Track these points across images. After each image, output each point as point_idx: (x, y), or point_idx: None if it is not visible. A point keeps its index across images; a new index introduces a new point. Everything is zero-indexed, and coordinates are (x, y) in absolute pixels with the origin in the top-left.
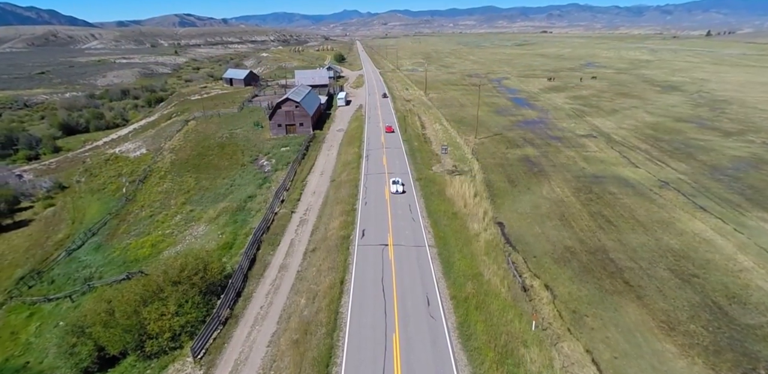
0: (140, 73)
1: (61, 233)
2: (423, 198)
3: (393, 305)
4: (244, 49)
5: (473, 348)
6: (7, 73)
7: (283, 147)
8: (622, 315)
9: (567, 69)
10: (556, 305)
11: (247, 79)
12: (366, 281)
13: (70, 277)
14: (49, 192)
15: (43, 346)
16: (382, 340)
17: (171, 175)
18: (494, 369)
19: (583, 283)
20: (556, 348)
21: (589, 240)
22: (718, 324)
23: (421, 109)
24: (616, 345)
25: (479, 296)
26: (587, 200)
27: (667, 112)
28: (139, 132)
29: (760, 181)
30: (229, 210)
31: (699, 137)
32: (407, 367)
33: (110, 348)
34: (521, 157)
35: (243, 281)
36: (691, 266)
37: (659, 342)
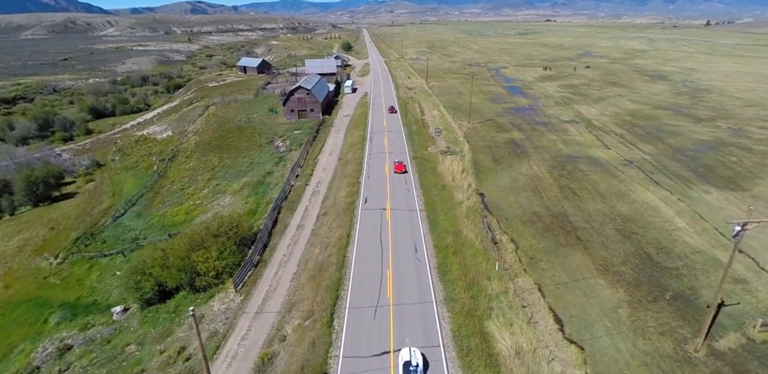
0: (157, 60)
1: (104, 203)
2: (417, 173)
3: (388, 251)
4: (254, 36)
5: (448, 280)
6: (32, 59)
7: (295, 130)
8: (569, 261)
9: (564, 58)
10: (518, 253)
11: (260, 67)
12: (367, 234)
13: (118, 238)
14: (88, 169)
15: (105, 289)
16: (379, 274)
17: (196, 154)
18: (462, 293)
19: (543, 239)
20: (512, 281)
21: (554, 207)
22: (643, 266)
23: (421, 96)
24: (560, 280)
25: (456, 246)
26: (559, 176)
27: (648, 100)
28: (163, 116)
29: (714, 161)
30: (250, 184)
31: (672, 123)
32: (397, 292)
33: (168, 283)
34: (508, 140)
35: (268, 237)
36: (634, 226)
37: (593, 279)
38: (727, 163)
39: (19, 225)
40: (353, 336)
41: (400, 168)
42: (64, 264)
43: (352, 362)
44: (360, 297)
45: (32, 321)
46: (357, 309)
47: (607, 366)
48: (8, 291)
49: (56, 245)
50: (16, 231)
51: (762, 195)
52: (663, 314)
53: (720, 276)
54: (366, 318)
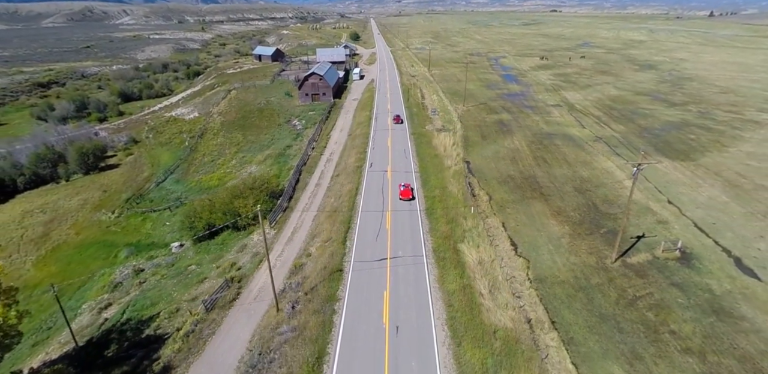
0: (174, 49)
1: (145, 172)
2: (414, 145)
3: (388, 199)
4: (265, 25)
5: (433, 217)
6: (57, 46)
7: (310, 111)
8: (531, 208)
9: (563, 49)
10: (490, 203)
11: (274, 56)
12: (372, 188)
13: (163, 198)
14: (126, 145)
15: (159, 234)
16: (380, 214)
17: (222, 132)
18: (443, 226)
19: (513, 193)
20: (483, 220)
21: (527, 171)
22: (588, 212)
23: (423, 83)
24: (521, 220)
25: (442, 196)
26: (536, 149)
27: (632, 88)
28: (188, 99)
29: (674, 138)
30: (273, 155)
31: (647, 107)
32: (394, 224)
33: (216, 222)
34: (496, 121)
35: (292, 191)
36: (589, 185)
37: (547, 220)
38: (685, 139)
39: (76, 188)
40: (361, 249)
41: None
42: (121, 217)
43: (360, 264)
44: (365, 227)
45: (105, 256)
46: (363, 234)
47: (544, 270)
48: (79, 236)
49: (111, 204)
50: (74, 193)
51: (705, 164)
52: (595, 242)
53: (647, 219)
54: (369, 240)
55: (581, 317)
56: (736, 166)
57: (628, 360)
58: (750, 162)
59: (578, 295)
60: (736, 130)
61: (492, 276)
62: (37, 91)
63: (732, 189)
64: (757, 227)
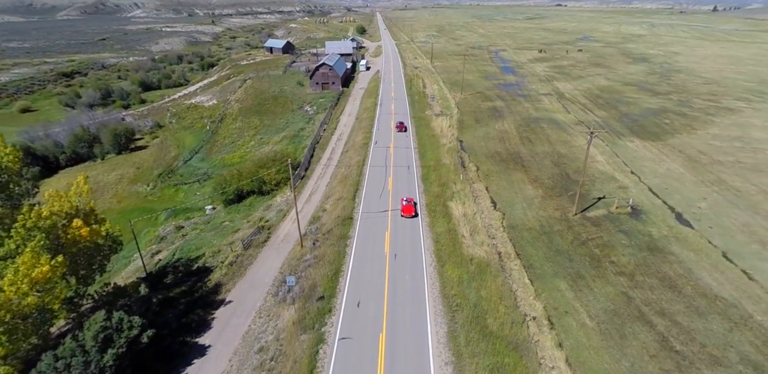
0: (186, 41)
1: (172, 152)
2: (415, 127)
3: (390, 168)
4: (273, 19)
5: (428, 182)
6: (74, 39)
7: (320, 99)
8: (512, 176)
9: (562, 42)
10: (477, 172)
11: (285, 48)
12: (377, 160)
13: (191, 173)
14: (151, 129)
15: (192, 202)
16: (383, 179)
17: (240, 117)
18: (435, 188)
19: (497, 165)
20: (470, 185)
21: (512, 148)
22: (561, 180)
23: (425, 74)
24: (502, 186)
25: (436, 167)
26: (522, 130)
27: (622, 79)
28: (206, 88)
29: (650, 122)
30: (288, 136)
31: (632, 96)
32: (394, 187)
33: (244, 188)
34: (490, 107)
35: (308, 164)
36: (565, 160)
37: (525, 185)
38: (660, 124)
39: (111, 165)
40: (367, 204)
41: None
42: (155, 189)
43: (366, 214)
44: (371, 189)
45: (146, 219)
46: (369, 194)
47: (516, 221)
48: (121, 204)
49: (145, 178)
50: (110, 169)
51: (672, 143)
52: (562, 202)
53: (610, 185)
54: (374, 197)
55: (541, 251)
56: (700, 145)
57: (572, 279)
58: (713, 142)
59: (541, 237)
60: (710, 116)
61: (473, 224)
62: (62, 80)
63: (690, 164)
64: (702, 192)
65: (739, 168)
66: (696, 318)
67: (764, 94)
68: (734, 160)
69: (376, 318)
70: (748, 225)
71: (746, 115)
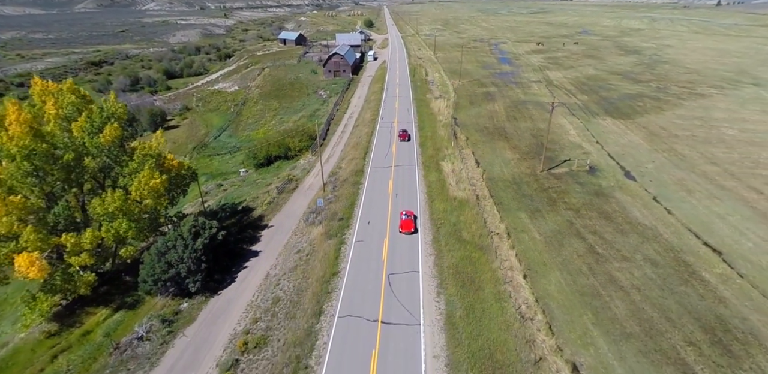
0: (201, 33)
1: (202, 131)
2: (416, 107)
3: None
4: (282, 12)
5: (424, 147)
6: (95, 30)
7: (333, 84)
8: (495, 145)
9: (561, 36)
10: (467, 141)
11: (298, 40)
12: (383, 132)
13: (222, 147)
14: (180, 111)
15: (225, 169)
16: (388, 146)
17: (261, 101)
18: (430, 151)
19: (484, 136)
20: (460, 151)
21: (499, 124)
22: (535, 147)
23: (428, 64)
24: (486, 151)
25: (432, 137)
26: (510, 110)
27: (609, 69)
28: (227, 76)
29: (624, 105)
30: (305, 116)
31: (615, 83)
32: (397, 152)
33: (273, 153)
34: (484, 92)
35: (324, 135)
36: (542, 133)
37: (505, 151)
38: (634, 106)
39: None
40: (375, 162)
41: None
42: (192, 159)
43: (374, 169)
44: (378, 152)
45: None
46: (377, 155)
47: (494, 175)
48: None
49: (181, 151)
50: None
51: (639, 122)
52: (533, 163)
53: (577, 151)
54: (381, 157)
55: (510, 194)
56: (663, 123)
57: (531, 212)
58: (676, 121)
59: (512, 186)
60: (681, 100)
61: (459, 176)
62: (91, 68)
63: (649, 137)
64: (652, 157)
65: (691, 140)
66: (619, 235)
67: (737, 83)
68: (689, 134)
69: (381, 230)
70: (682, 179)
71: (715, 99)
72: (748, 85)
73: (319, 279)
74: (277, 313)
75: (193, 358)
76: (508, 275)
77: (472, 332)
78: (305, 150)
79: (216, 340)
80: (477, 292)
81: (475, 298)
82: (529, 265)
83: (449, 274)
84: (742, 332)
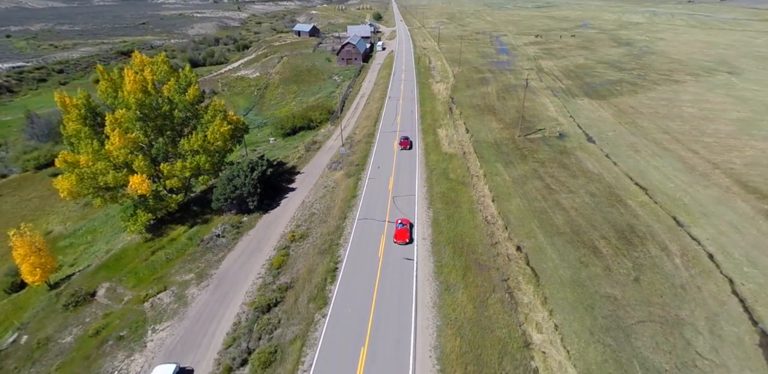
0: (218, 26)
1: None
2: (419, 89)
3: (399, 112)
4: (293, 5)
5: (424, 119)
6: (117, 23)
7: (345, 71)
8: (484, 118)
9: (561, 29)
10: (461, 115)
11: (311, 31)
12: (390, 108)
13: (250, 123)
14: (208, 95)
15: (255, 138)
16: (394, 117)
17: (281, 85)
18: (429, 121)
19: (476, 112)
20: (454, 122)
21: (489, 103)
22: (517, 120)
23: (431, 53)
24: (476, 122)
25: (431, 110)
26: (500, 92)
27: (599, 59)
28: (248, 64)
29: (603, 88)
30: (322, 97)
31: (600, 71)
32: (402, 120)
33: (297, 124)
34: (480, 78)
35: (340, 110)
36: (527, 109)
37: (491, 122)
38: (611, 89)
39: None
40: (383, 128)
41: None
42: None
43: (383, 133)
44: (386, 120)
45: None
46: (384, 124)
47: (480, 139)
48: None
49: None
50: None
51: (612, 101)
52: (514, 131)
53: (552, 123)
54: (389, 125)
55: (490, 152)
56: (633, 103)
57: (505, 163)
58: (645, 101)
59: (493, 146)
60: (656, 85)
61: (451, 139)
62: (121, 57)
63: (618, 113)
64: (615, 127)
65: (653, 116)
66: (570, 178)
67: (714, 71)
68: (653, 111)
69: (388, 172)
70: (634, 143)
71: (687, 85)
72: (723, 73)
73: (342, 199)
74: (314, 221)
75: (256, 246)
76: (480, 199)
77: (450, 227)
78: (325, 122)
79: (271, 237)
80: (456, 208)
81: (454, 211)
82: (497, 195)
83: (437, 197)
84: (643, 233)
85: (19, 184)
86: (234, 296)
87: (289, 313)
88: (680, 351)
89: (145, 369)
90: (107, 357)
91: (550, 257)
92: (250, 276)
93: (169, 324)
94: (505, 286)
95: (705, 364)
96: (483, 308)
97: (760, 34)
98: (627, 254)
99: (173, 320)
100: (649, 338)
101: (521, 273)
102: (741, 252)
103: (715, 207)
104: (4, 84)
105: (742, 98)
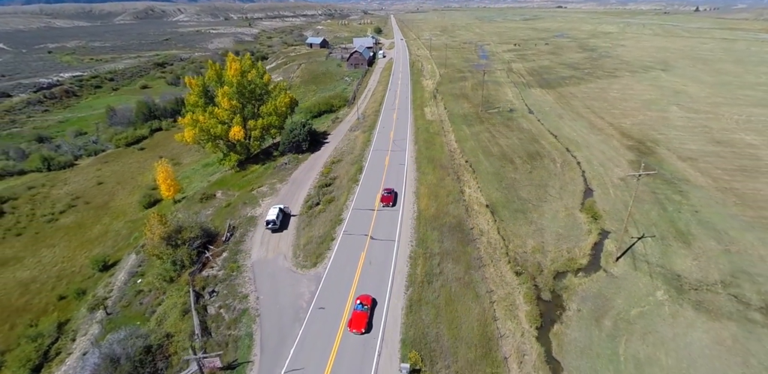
0: (233, 41)
1: None
2: (411, 84)
3: (397, 93)
4: (298, 21)
5: (415, 101)
6: (143, 39)
7: (354, 73)
8: (459, 101)
9: (539, 38)
10: (441, 100)
11: (322, 43)
12: (390, 94)
13: None
14: None
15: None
16: (394, 100)
17: (302, 85)
18: (418, 102)
19: (453, 98)
20: (436, 104)
21: (465, 93)
22: (484, 103)
23: (424, 59)
24: (453, 104)
25: (420, 97)
26: (474, 86)
27: (561, 61)
28: (271, 71)
29: (555, 82)
30: (337, 93)
31: (558, 70)
32: (398, 101)
33: (322, 108)
34: (461, 76)
35: (353, 99)
36: (491, 98)
37: (464, 104)
38: (561, 82)
39: None
40: (385, 107)
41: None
42: None
43: (385, 111)
44: (388, 104)
45: None
46: (386, 106)
47: (453, 113)
48: None
49: None
50: None
51: (558, 90)
52: (479, 109)
53: (507, 104)
54: (389, 106)
55: (459, 120)
56: (573, 91)
57: (468, 124)
58: (584, 89)
59: (462, 117)
60: (597, 79)
61: (433, 113)
62: (158, 68)
63: (559, 97)
64: (551, 105)
65: (584, 98)
66: (509, 131)
67: (650, 69)
68: (586, 95)
69: (389, 129)
70: (561, 114)
71: (622, 79)
72: (657, 70)
73: (361, 142)
74: (344, 153)
75: (311, 167)
76: (448, 142)
77: (427, 152)
78: (342, 106)
79: (317, 164)
80: (432, 145)
81: (430, 147)
82: (458, 139)
83: (421, 141)
84: (543, 155)
85: (117, 155)
86: (304, 186)
87: (338, 187)
88: (541, 195)
89: (264, 211)
90: (239, 210)
91: (484, 164)
92: (311, 178)
93: (270, 198)
94: (455, 174)
95: (551, 199)
96: (441, 181)
97: (712, 41)
98: (530, 163)
99: (272, 197)
100: (526, 191)
101: (465, 169)
102: (598, 161)
103: (596, 144)
104: (71, 89)
105: (659, 87)
